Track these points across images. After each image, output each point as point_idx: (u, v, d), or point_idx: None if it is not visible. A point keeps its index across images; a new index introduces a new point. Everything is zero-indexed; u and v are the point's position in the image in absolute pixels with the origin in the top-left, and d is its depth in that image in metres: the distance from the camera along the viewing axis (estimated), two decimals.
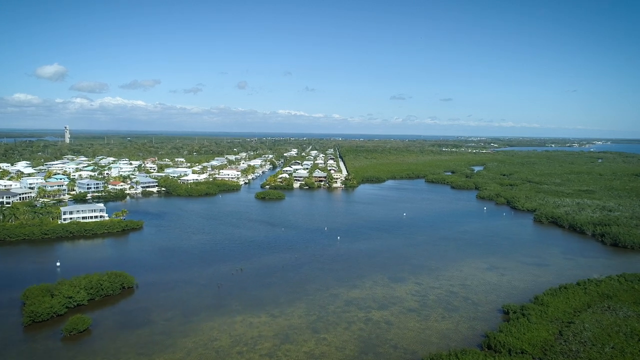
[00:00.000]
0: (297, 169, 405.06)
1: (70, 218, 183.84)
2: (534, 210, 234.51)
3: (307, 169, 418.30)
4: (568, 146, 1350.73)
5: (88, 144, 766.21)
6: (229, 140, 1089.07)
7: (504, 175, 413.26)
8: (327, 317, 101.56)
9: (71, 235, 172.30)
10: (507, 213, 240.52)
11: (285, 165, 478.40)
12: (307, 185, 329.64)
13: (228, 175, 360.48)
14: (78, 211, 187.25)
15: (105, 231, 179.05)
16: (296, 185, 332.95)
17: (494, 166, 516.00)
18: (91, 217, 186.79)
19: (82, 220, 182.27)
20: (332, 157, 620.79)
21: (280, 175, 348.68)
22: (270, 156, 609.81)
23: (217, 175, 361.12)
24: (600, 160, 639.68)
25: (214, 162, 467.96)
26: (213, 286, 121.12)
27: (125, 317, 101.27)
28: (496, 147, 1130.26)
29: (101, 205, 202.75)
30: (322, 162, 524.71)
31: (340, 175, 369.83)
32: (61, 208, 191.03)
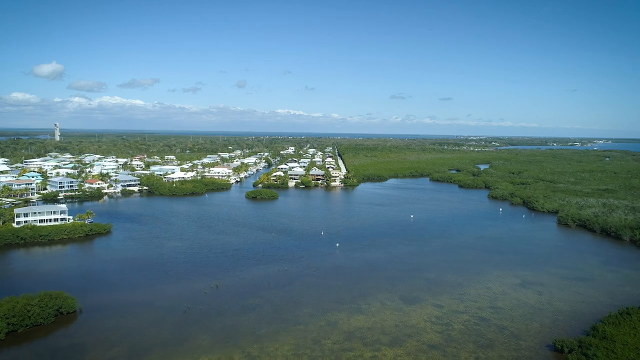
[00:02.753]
0: (293, 167, 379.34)
1: (25, 221, 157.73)
2: (556, 212, 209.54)
3: (304, 166, 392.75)
4: (570, 145, 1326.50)
5: (77, 142, 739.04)
6: (224, 139, 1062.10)
7: (513, 173, 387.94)
8: (323, 359, 75.78)
9: (23, 241, 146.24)
10: (526, 215, 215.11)
11: (280, 163, 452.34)
12: (303, 184, 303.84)
13: (218, 173, 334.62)
14: (34, 213, 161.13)
15: (65, 236, 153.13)
16: (291, 184, 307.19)
17: (501, 164, 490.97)
18: (50, 220, 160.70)
19: (38, 224, 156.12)
20: (331, 155, 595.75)
21: (275, 174, 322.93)
22: (266, 154, 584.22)
23: (206, 174, 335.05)
24: (607, 159, 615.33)
25: (205, 160, 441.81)
26: (178, 310, 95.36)
27: (51, 358, 75.31)
28: (498, 146, 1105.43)
29: (63, 206, 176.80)
30: (320, 159, 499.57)
31: (339, 173, 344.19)
32: (15, 209, 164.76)
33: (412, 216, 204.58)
